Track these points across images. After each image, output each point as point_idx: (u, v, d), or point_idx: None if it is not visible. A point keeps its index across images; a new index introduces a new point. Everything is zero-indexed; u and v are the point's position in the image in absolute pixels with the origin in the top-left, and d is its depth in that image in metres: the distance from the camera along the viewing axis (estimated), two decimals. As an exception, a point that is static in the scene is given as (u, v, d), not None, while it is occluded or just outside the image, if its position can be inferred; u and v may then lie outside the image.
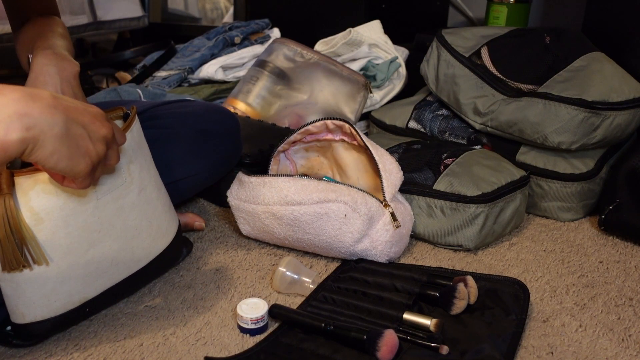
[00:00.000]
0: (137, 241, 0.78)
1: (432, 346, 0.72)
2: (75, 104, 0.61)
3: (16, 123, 0.54)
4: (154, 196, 0.81)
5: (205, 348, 0.74)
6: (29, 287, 0.68)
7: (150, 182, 0.81)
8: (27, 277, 0.68)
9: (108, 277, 0.76)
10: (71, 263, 0.70)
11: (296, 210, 0.88)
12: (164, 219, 0.83)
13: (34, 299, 0.69)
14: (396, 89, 1.51)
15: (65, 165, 0.58)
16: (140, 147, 0.79)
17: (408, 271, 0.88)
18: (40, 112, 0.56)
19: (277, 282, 0.85)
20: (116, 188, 0.73)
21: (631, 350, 0.75)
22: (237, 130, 1.06)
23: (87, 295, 0.74)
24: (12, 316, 0.71)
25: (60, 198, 0.67)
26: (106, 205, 0.72)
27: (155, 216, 0.81)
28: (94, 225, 0.71)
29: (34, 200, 0.66)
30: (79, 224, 0.70)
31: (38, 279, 0.68)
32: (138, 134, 0.79)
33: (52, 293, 0.70)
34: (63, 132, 0.57)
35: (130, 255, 0.78)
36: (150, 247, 0.81)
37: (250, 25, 1.73)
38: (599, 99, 1.05)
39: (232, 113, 1.07)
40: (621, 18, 1.31)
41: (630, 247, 1.02)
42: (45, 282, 0.69)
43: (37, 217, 0.66)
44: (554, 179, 1.10)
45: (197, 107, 1.04)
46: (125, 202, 0.75)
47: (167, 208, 0.85)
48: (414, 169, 1.04)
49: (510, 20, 1.65)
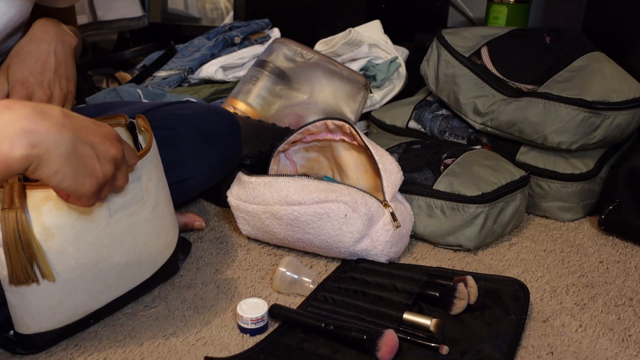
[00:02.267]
0: (145, 255, 0.78)
1: (432, 346, 0.72)
2: (86, 123, 0.60)
3: (22, 139, 0.54)
4: (165, 210, 0.81)
5: (205, 348, 0.74)
6: (35, 300, 0.68)
7: (164, 196, 0.80)
8: (34, 290, 0.67)
9: (114, 289, 0.76)
10: (79, 277, 0.70)
11: (296, 210, 0.88)
12: (170, 230, 0.83)
13: (40, 311, 0.69)
14: (396, 89, 1.51)
15: (69, 184, 0.58)
16: (158, 162, 0.79)
17: (408, 271, 0.88)
18: (48, 130, 0.55)
19: (277, 282, 0.85)
20: (131, 205, 0.73)
21: (631, 350, 0.75)
22: (238, 131, 1.06)
23: (92, 307, 0.74)
24: (16, 326, 0.71)
25: (72, 215, 0.67)
26: (119, 221, 0.72)
27: (163, 229, 0.81)
28: (104, 241, 0.71)
29: (45, 215, 0.65)
30: (89, 239, 0.69)
31: (45, 291, 0.68)
32: (154, 148, 0.78)
33: (58, 306, 0.70)
34: (69, 151, 0.57)
35: (137, 269, 0.78)
36: (156, 259, 0.81)
37: (250, 25, 1.73)
38: (599, 99, 1.05)
39: (232, 114, 1.07)
40: (621, 18, 1.31)
41: (630, 247, 1.02)
42: (52, 295, 0.69)
43: (48, 232, 0.65)
44: (554, 179, 1.10)
45: (198, 108, 1.04)
46: (138, 218, 0.74)
47: (173, 218, 0.85)
48: (414, 169, 1.04)
49: (510, 20, 1.65)
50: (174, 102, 1.07)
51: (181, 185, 0.96)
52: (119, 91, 1.40)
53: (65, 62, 0.84)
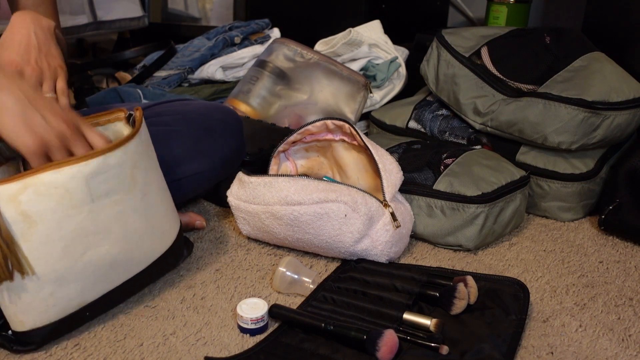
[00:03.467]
0: (137, 245, 0.77)
1: (432, 346, 0.72)
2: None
3: None
4: (157, 200, 0.80)
5: (205, 348, 0.74)
6: (26, 294, 0.68)
7: (155, 186, 0.80)
8: (22, 283, 0.67)
9: (107, 280, 0.76)
10: (67, 266, 0.70)
11: (296, 210, 0.88)
12: (166, 222, 0.83)
13: (32, 305, 0.69)
14: (396, 89, 1.51)
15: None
16: (147, 150, 0.78)
17: (408, 271, 0.88)
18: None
19: (277, 282, 0.85)
20: (116, 193, 0.72)
21: (631, 350, 0.75)
22: (240, 129, 1.05)
23: (86, 299, 0.74)
24: (12, 324, 0.70)
25: (52, 199, 0.67)
26: (103, 209, 0.72)
27: (157, 220, 0.80)
28: (89, 228, 0.71)
29: (25, 203, 0.65)
30: (73, 226, 0.69)
31: (35, 284, 0.68)
32: (145, 137, 0.78)
33: (50, 297, 0.70)
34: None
35: (129, 259, 0.77)
36: (151, 250, 0.81)
37: (250, 25, 1.73)
38: (599, 99, 1.05)
39: (234, 112, 1.07)
40: (621, 18, 1.31)
41: (630, 247, 1.02)
42: (43, 286, 0.68)
43: (29, 220, 0.66)
44: (554, 179, 1.10)
45: (199, 105, 1.04)
46: (126, 207, 0.74)
47: (170, 210, 0.85)
48: (414, 169, 1.04)
49: (510, 20, 1.65)
50: (175, 99, 1.07)
51: (179, 184, 0.96)
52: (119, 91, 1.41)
53: (46, 42, 0.88)
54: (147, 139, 0.79)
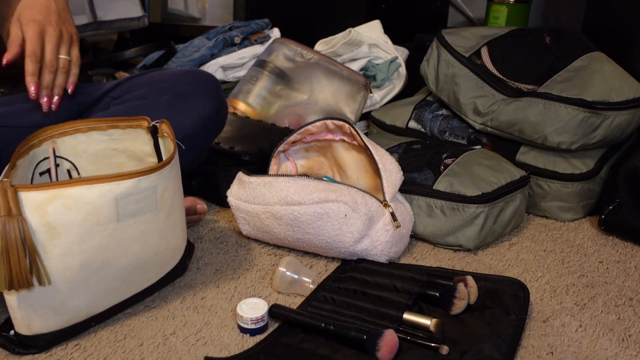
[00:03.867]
0: (152, 262, 0.77)
1: (432, 346, 0.72)
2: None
3: None
4: (178, 219, 0.80)
5: (205, 348, 0.74)
6: (38, 301, 0.68)
7: (177, 205, 0.80)
8: (35, 291, 0.67)
9: (117, 294, 0.76)
10: (82, 279, 0.70)
11: (296, 210, 0.88)
12: (180, 238, 0.83)
13: (42, 312, 0.69)
14: (396, 89, 1.51)
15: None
16: (177, 173, 0.79)
17: (408, 271, 0.88)
18: None
19: (277, 282, 0.85)
20: (143, 214, 0.72)
21: (631, 350, 0.75)
22: (217, 88, 1.05)
23: (94, 310, 0.74)
24: (17, 326, 0.70)
25: (80, 214, 0.67)
26: (127, 228, 0.71)
27: (174, 237, 0.80)
28: (110, 245, 0.71)
29: (51, 215, 0.65)
30: (96, 242, 0.69)
31: (48, 293, 0.68)
32: (175, 162, 0.78)
33: (61, 307, 0.70)
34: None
35: (142, 275, 0.78)
36: (163, 266, 0.81)
37: (250, 25, 1.73)
38: (599, 99, 1.05)
39: (208, 74, 1.06)
40: (621, 18, 1.31)
41: (630, 247, 1.02)
42: (55, 295, 0.68)
43: (54, 232, 0.65)
44: (554, 179, 1.10)
45: (171, 73, 1.04)
46: (150, 227, 0.74)
47: (184, 226, 0.85)
48: (414, 169, 1.04)
49: (510, 20, 1.65)
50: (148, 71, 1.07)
51: None
52: (119, 91, 1.40)
53: (65, 9, 0.94)
54: (176, 161, 0.79)
